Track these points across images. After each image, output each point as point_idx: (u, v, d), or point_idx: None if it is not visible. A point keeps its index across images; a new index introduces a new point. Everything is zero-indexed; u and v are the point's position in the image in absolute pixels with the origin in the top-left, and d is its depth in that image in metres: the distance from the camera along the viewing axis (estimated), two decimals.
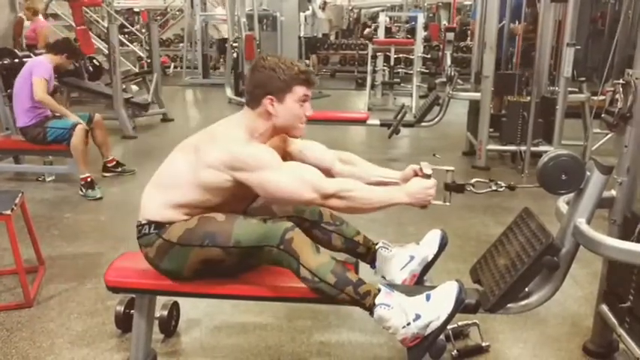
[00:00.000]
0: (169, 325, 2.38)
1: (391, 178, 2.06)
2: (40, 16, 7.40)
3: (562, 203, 2.09)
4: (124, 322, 2.35)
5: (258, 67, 1.90)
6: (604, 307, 2.20)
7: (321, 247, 1.88)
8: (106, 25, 7.75)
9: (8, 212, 2.57)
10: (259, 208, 2.09)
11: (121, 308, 2.36)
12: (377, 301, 1.80)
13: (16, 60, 5.06)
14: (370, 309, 1.81)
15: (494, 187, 2.06)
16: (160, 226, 1.89)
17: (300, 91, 1.88)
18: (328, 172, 2.06)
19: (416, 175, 1.97)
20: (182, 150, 1.94)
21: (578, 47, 4.77)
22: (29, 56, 5.10)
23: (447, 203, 2.03)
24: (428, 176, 1.93)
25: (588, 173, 1.84)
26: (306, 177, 1.83)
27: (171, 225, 1.87)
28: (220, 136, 1.89)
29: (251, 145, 1.86)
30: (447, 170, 2.02)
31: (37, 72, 4.17)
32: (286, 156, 2.05)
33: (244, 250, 1.83)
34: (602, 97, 5.39)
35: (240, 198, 1.94)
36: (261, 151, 1.85)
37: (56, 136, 4.18)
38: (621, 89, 2.05)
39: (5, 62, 5.02)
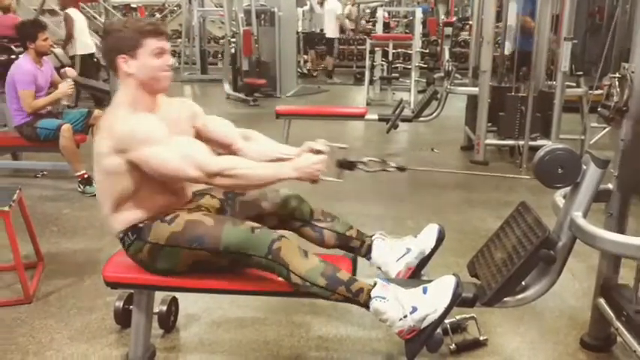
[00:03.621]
0: (168, 321, 2.39)
1: (290, 155, 2.05)
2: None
3: (559, 197, 2.09)
4: (123, 318, 2.35)
5: (107, 32, 1.91)
6: (601, 301, 2.21)
7: (309, 251, 1.89)
8: (103, 21, 7.72)
9: (6, 208, 2.57)
10: (249, 203, 2.09)
11: (119, 304, 2.36)
12: (373, 293, 1.80)
13: (13, 56, 5.04)
14: (365, 305, 1.82)
15: (384, 167, 2.16)
16: (134, 230, 1.89)
17: (151, 43, 1.86)
18: (230, 148, 2.10)
19: (310, 152, 1.99)
20: None
21: (576, 41, 4.76)
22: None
23: (340, 180, 2.10)
24: (318, 152, 1.96)
25: (584, 167, 1.85)
26: (191, 154, 1.80)
27: (149, 226, 1.87)
28: (104, 121, 1.89)
29: (131, 120, 1.82)
30: (340, 147, 2.07)
31: (19, 84, 4.10)
32: (186, 125, 2.04)
33: (234, 255, 1.84)
34: (599, 91, 5.41)
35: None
36: (146, 124, 1.82)
37: (46, 135, 4.17)
38: (617, 83, 2.05)
39: (2, 59, 5.01)
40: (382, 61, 9.11)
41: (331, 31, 10.89)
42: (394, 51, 9.26)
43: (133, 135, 1.79)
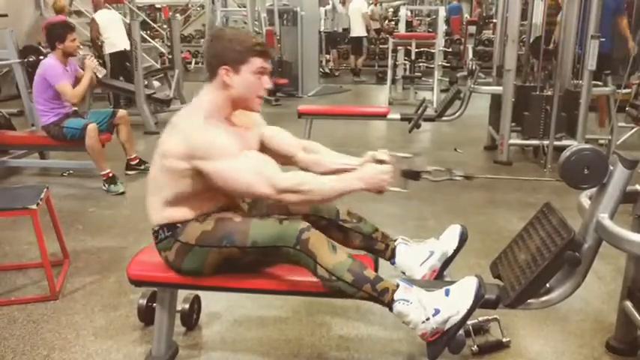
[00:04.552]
0: (191, 319, 2.41)
1: (352, 166, 2.04)
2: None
3: (584, 198, 2.06)
4: (146, 315, 2.38)
5: (215, 37, 1.92)
6: (628, 304, 2.17)
7: (337, 246, 1.88)
8: (128, 21, 7.82)
9: (34, 207, 2.62)
10: (275, 206, 2.09)
11: (143, 301, 2.39)
12: (396, 296, 1.80)
13: (42, 57, 5.13)
14: (389, 305, 1.81)
15: (450, 176, 2.11)
16: (171, 227, 1.90)
17: (256, 62, 1.87)
18: (291, 159, 2.10)
19: (375, 162, 1.98)
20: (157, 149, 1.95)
21: (603, 39, 4.67)
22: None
23: (405, 190, 2.08)
24: (382, 162, 1.94)
25: (611, 167, 1.82)
26: (263, 170, 1.81)
27: (184, 225, 1.89)
28: (178, 123, 1.88)
29: (209, 131, 1.82)
30: (404, 157, 2.05)
31: (54, 79, 4.18)
32: (254, 139, 2.04)
33: (261, 249, 1.84)
34: (627, 90, 5.32)
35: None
36: (220, 138, 1.81)
37: (72, 134, 4.25)
38: None
39: (31, 59, 5.10)
40: (405, 60, 9.06)
41: (358, 30, 10.87)
42: (417, 50, 9.21)
43: (210, 146, 1.79)
